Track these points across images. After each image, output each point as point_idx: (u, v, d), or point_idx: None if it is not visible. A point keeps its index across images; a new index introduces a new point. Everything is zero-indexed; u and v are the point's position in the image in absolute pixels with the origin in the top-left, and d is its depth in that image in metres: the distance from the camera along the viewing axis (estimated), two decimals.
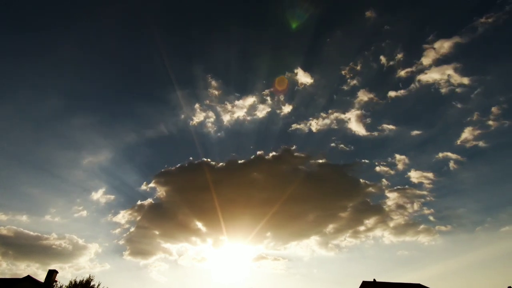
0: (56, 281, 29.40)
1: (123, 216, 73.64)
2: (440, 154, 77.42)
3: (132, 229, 71.55)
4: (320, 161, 76.51)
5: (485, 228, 73.45)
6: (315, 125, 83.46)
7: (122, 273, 68.96)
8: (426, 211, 74.89)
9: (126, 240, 70.89)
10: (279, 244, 74.81)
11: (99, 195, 74.12)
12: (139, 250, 69.89)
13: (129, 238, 70.84)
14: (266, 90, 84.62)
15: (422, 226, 72.96)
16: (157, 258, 72.54)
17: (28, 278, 28.83)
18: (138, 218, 72.00)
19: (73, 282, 29.32)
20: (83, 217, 72.59)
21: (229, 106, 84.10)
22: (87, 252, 68.24)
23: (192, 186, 71.38)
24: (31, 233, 64.18)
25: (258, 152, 76.30)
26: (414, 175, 76.12)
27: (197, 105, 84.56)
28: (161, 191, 73.54)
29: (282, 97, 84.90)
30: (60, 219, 71.45)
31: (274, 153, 76.14)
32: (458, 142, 75.86)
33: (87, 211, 72.64)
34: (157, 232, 70.29)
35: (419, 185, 76.35)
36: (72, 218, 72.89)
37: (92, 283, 29.79)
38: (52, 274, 29.50)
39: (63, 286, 29.20)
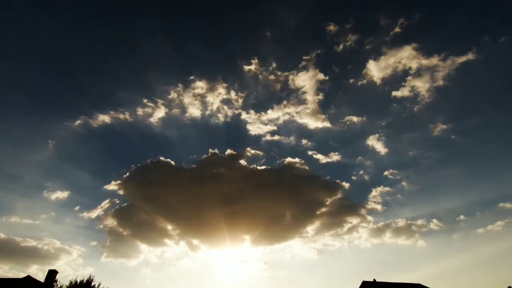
0: (56, 281, 29.86)
1: (88, 217, 73.03)
2: (415, 150, 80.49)
3: (106, 230, 71.16)
4: (290, 159, 78.63)
5: (465, 227, 76.40)
6: (270, 115, 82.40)
7: (105, 275, 67.95)
8: (403, 211, 78.18)
9: (105, 243, 70.15)
10: (259, 248, 77.37)
11: (59, 195, 73.06)
12: (118, 253, 69.43)
13: (108, 240, 70.13)
14: (220, 79, 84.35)
15: (399, 226, 75.92)
16: (139, 261, 72.41)
17: (28, 278, 29.13)
18: (109, 218, 71.85)
19: (73, 282, 29.94)
20: (52, 218, 71.20)
21: (176, 99, 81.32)
22: (66, 254, 66.78)
23: (158, 186, 72.06)
24: (3, 234, 62.06)
25: (211, 150, 76.40)
26: (387, 174, 79.81)
27: (141, 98, 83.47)
28: (125, 192, 73.88)
29: (235, 87, 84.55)
30: (30, 220, 69.66)
31: (230, 151, 76.80)
32: (430, 136, 78.53)
33: (53, 212, 71.26)
34: (128, 233, 70.35)
35: (395, 183, 79.50)
36: (41, 219, 71.01)
37: (92, 283, 30.54)
38: (52, 274, 29.94)
39: (63, 286, 29.75)
